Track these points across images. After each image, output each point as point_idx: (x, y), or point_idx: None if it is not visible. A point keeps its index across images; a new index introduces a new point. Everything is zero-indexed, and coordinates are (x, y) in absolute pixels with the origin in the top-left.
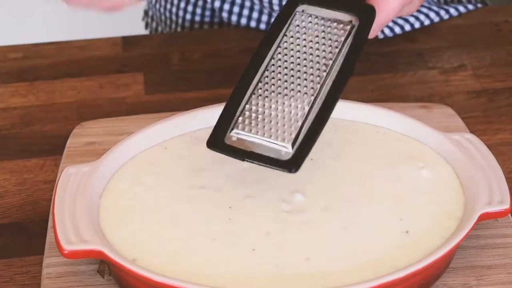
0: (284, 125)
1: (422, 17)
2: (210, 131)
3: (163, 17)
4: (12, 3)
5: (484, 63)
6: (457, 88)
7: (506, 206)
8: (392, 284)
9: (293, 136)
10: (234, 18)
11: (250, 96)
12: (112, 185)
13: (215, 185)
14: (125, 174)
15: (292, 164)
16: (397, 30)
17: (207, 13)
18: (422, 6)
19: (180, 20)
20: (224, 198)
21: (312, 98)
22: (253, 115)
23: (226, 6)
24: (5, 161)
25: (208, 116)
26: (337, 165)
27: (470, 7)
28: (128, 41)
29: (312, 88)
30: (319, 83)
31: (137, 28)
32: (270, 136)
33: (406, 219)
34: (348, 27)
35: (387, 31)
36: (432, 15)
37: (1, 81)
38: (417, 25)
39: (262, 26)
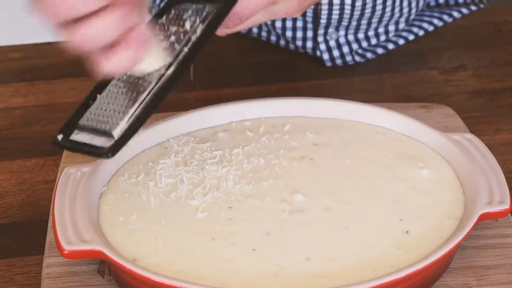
0: (114, 116)
1: (425, 25)
2: (210, 130)
3: None
4: (12, 3)
5: (484, 63)
6: (457, 88)
7: (506, 206)
8: (392, 284)
9: (121, 124)
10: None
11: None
12: (112, 185)
13: (215, 185)
14: (125, 174)
15: (109, 150)
16: (401, 42)
17: None
18: (424, 13)
19: None
20: (224, 198)
21: (152, 85)
22: (96, 111)
23: None
24: (5, 161)
25: (208, 116)
26: (337, 165)
27: (473, 8)
28: None
29: (156, 75)
30: (160, 73)
31: None
32: (102, 126)
33: (406, 219)
34: (205, 11)
35: (391, 46)
36: (436, 21)
37: (1, 81)
38: (421, 33)
39: (263, 34)
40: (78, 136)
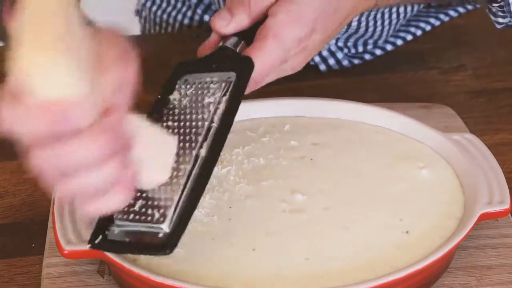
0: (159, 206)
1: (422, 24)
2: None
3: (158, 20)
4: None
5: (484, 63)
6: (457, 88)
7: (506, 206)
8: (392, 284)
9: (169, 215)
10: None
11: None
12: None
13: (215, 185)
14: None
15: (167, 247)
16: (400, 42)
17: (207, 17)
18: (420, 13)
19: (177, 24)
20: (224, 198)
21: (188, 168)
22: (131, 201)
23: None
24: (5, 161)
25: None
26: (337, 165)
27: (470, 7)
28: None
29: (188, 158)
30: (194, 150)
31: (137, 28)
32: (146, 220)
33: (406, 219)
34: (224, 85)
35: (389, 47)
36: (432, 20)
37: (1, 81)
38: (419, 32)
39: None
40: (117, 234)
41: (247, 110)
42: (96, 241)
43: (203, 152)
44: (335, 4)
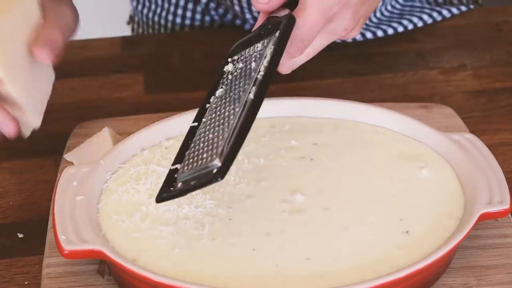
0: (212, 148)
1: (415, 19)
2: None
3: (150, 22)
4: None
5: (484, 63)
6: (457, 88)
7: (506, 206)
8: (392, 284)
9: (220, 149)
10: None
11: (191, 143)
12: (112, 185)
13: (215, 185)
14: (125, 175)
15: (218, 173)
16: (390, 31)
17: (198, 16)
18: (413, 12)
19: (169, 24)
20: (224, 198)
21: (238, 110)
22: (190, 155)
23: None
24: (5, 161)
25: None
26: (337, 165)
27: (463, 8)
28: (128, 41)
29: (238, 103)
30: (243, 95)
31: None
32: (202, 163)
33: (406, 219)
34: (269, 41)
35: (390, 30)
36: (425, 17)
37: None
38: (410, 26)
39: None
40: (180, 186)
41: None
42: (161, 197)
43: (251, 95)
44: None
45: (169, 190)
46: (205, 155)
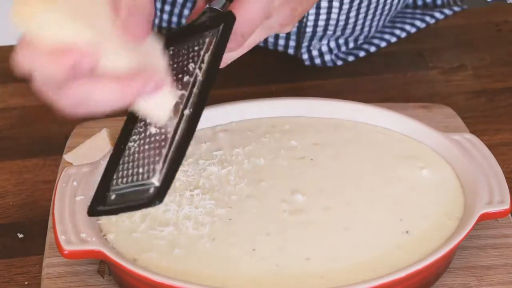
0: (149, 163)
1: (407, 27)
2: (210, 130)
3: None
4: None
5: (484, 63)
6: (457, 88)
7: (506, 206)
8: (392, 284)
9: (158, 169)
10: None
11: (123, 157)
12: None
13: (215, 185)
14: None
15: (156, 198)
16: (383, 44)
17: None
18: (406, 15)
19: (155, 29)
20: (224, 198)
21: (175, 122)
22: (125, 166)
23: None
24: (5, 161)
25: (208, 116)
26: (337, 165)
27: (456, 8)
28: None
29: (176, 113)
30: (180, 105)
31: None
32: (138, 178)
33: (406, 219)
34: (207, 40)
35: (372, 48)
36: (418, 22)
37: (1, 81)
38: (403, 35)
39: None
40: (114, 199)
41: (247, 111)
42: (95, 209)
43: (186, 111)
44: None
45: (103, 201)
46: (141, 170)
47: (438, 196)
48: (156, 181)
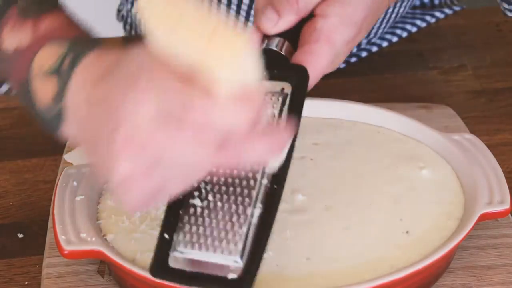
0: (227, 235)
1: (408, 26)
2: None
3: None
4: None
5: (484, 63)
6: (457, 88)
7: (506, 206)
8: (392, 284)
9: (240, 246)
10: None
11: (187, 211)
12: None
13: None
14: None
15: (245, 282)
16: (385, 44)
17: None
18: (406, 15)
19: None
20: None
21: (254, 193)
22: (194, 228)
23: None
24: (5, 161)
25: None
26: (337, 165)
27: (456, 8)
28: (128, 41)
29: (252, 183)
30: (258, 174)
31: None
32: (215, 249)
33: (406, 219)
34: (281, 98)
35: (374, 48)
36: (418, 22)
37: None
38: (404, 34)
39: None
40: (178, 261)
41: None
42: (159, 269)
43: (264, 180)
44: (378, 1)
45: (166, 261)
46: (216, 241)
47: (438, 196)
48: (240, 259)
